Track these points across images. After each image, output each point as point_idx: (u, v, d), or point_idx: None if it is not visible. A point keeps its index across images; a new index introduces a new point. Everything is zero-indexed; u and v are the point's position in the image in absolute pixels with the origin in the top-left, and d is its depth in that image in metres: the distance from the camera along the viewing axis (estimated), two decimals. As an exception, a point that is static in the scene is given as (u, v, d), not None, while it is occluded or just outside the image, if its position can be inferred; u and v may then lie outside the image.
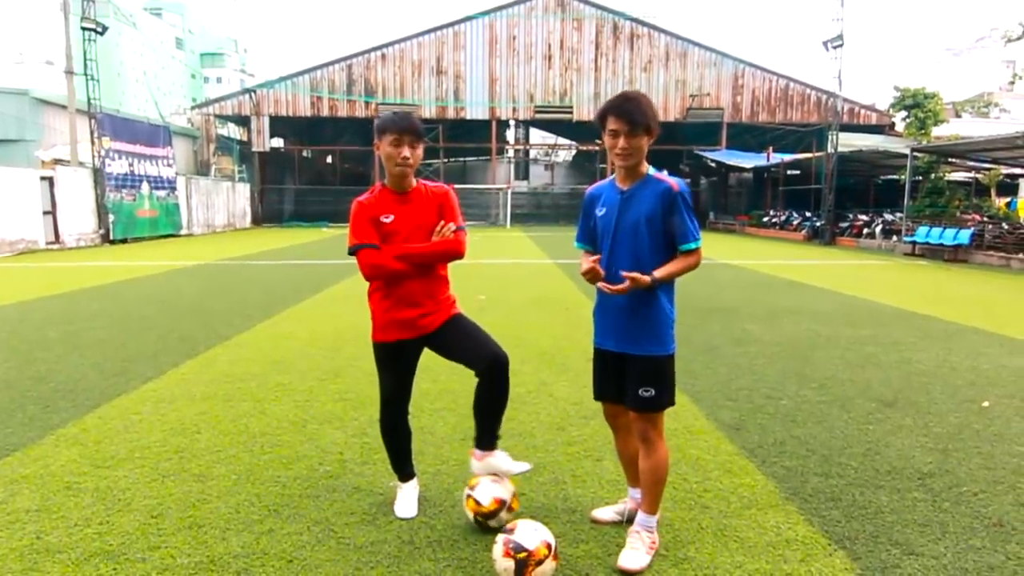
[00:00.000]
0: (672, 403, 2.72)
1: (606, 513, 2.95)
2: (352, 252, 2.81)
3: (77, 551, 2.68)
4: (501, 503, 2.84)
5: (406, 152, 2.78)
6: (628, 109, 2.51)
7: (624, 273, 2.52)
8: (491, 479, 2.90)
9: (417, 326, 2.88)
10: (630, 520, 2.82)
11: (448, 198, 2.94)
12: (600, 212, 2.71)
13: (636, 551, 2.62)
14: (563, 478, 3.41)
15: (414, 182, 2.91)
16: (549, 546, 2.47)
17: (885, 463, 3.62)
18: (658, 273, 2.55)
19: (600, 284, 2.61)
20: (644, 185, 2.62)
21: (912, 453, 3.77)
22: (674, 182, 2.60)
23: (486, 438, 2.94)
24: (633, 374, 2.65)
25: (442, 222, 2.87)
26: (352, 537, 2.81)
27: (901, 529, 2.90)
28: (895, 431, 4.13)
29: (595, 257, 2.64)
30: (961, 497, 3.22)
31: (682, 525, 2.93)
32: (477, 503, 2.84)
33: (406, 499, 3.06)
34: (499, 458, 2.95)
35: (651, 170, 2.65)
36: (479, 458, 2.95)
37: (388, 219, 2.82)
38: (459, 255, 2.90)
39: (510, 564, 2.41)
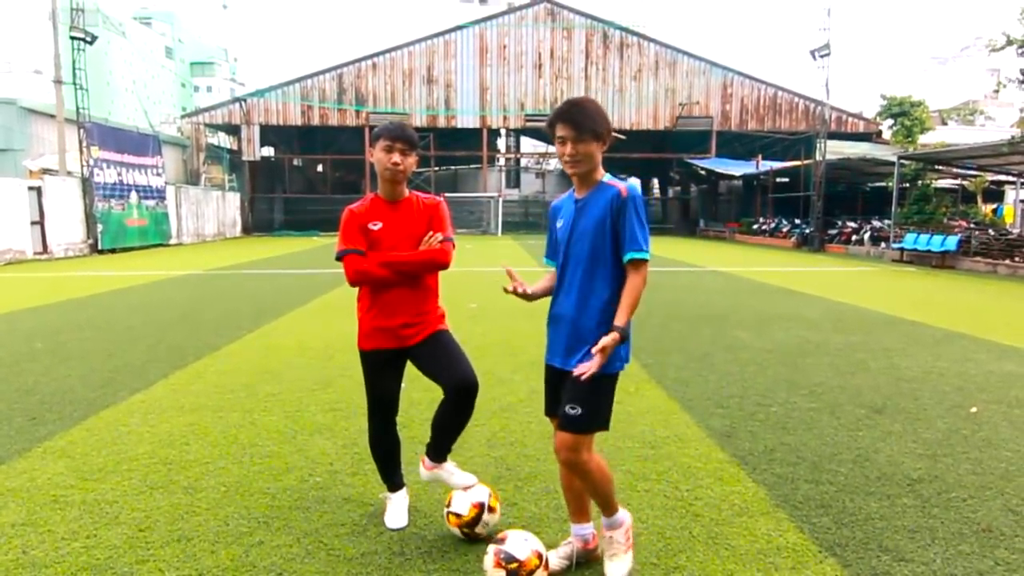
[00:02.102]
0: (602, 427, 2.48)
1: (552, 560, 2.62)
2: (338, 258, 2.83)
3: (64, 565, 2.65)
4: (480, 506, 2.84)
5: (396, 158, 2.80)
6: (573, 114, 2.43)
7: (594, 350, 2.32)
8: (462, 490, 2.91)
9: (399, 336, 2.87)
10: (579, 560, 2.66)
11: (438, 210, 2.96)
12: (559, 224, 2.62)
13: (617, 557, 2.57)
14: (554, 487, 3.39)
15: (406, 192, 2.93)
16: (540, 556, 2.46)
17: (875, 469, 3.64)
18: (620, 320, 2.36)
19: (576, 370, 2.36)
20: (597, 191, 2.51)
21: (901, 459, 3.79)
22: (623, 186, 2.47)
23: (439, 451, 2.95)
24: (565, 390, 2.46)
25: (430, 232, 2.88)
26: (342, 549, 2.79)
27: (891, 535, 2.91)
28: (884, 437, 4.15)
29: (516, 285, 2.62)
30: (950, 503, 3.24)
31: (673, 533, 2.93)
32: (457, 516, 2.83)
33: (396, 510, 3.04)
34: (448, 470, 2.96)
35: (606, 177, 2.54)
36: (428, 467, 2.97)
37: (376, 226, 2.84)
38: (443, 265, 2.90)
39: (501, 574, 2.40)
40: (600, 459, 2.55)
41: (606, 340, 2.32)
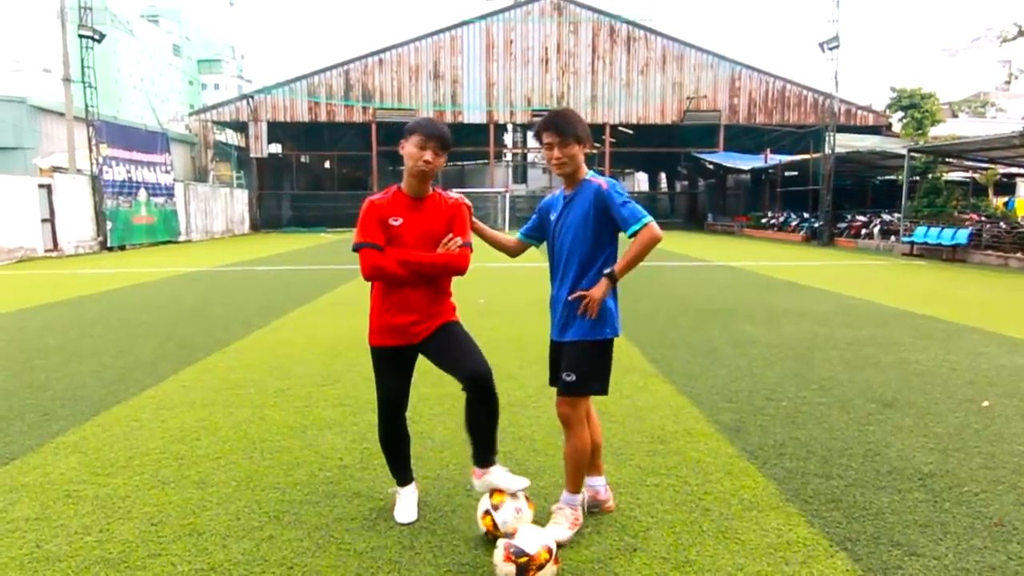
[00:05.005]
0: (597, 391, 2.87)
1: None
2: (355, 249, 2.81)
3: (77, 559, 2.67)
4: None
5: (428, 156, 2.77)
6: (557, 123, 2.79)
7: (574, 297, 2.78)
8: (515, 504, 2.80)
9: (409, 333, 2.86)
10: (589, 508, 3.01)
11: (461, 211, 2.92)
12: (553, 217, 2.97)
13: (559, 525, 2.79)
14: (564, 482, 3.39)
15: (430, 190, 2.91)
16: (550, 550, 2.46)
17: (885, 464, 3.62)
18: (618, 266, 2.77)
19: (580, 297, 2.79)
20: (582, 188, 2.85)
21: (912, 454, 3.77)
22: (603, 181, 2.82)
23: (481, 455, 2.90)
24: (563, 360, 2.85)
25: (450, 235, 2.84)
26: (353, 543, 2.81)
27: (902, 530, 2.90)
28: (895, 432, 4.13)
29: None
30: (962, 497, 3.22)
31: (683, 527, 2.93)
32: (496, 526, 2.76)
33: (406, 504, 3.05)
34: (497, 475, 2.89)
35: (589, 174, 2.88)
36: (478, 476, 2.92)
37: (397, 222, 2.81)
38: (461, 271, 2.87)
39: (511, 568, 2.40)
40: (587, 435, 2.88)
41: (584, 293, 2.75)
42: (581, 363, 2.79)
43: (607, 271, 2.76)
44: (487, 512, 2.80)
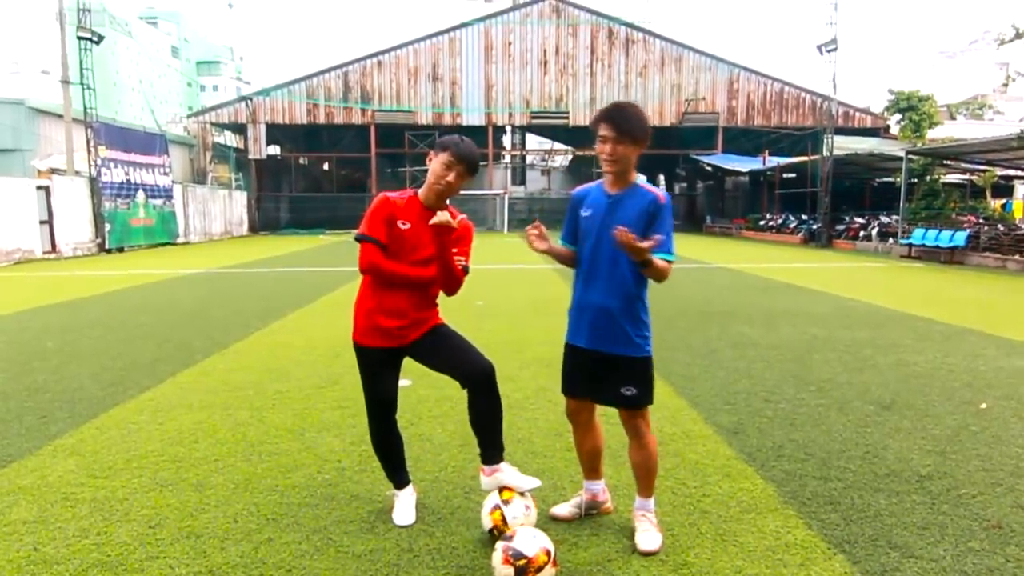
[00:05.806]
0: (651, 401, 2.85)
1: (564, 509, 3.04)
2: (358, 239, 2.84)
3: (75, 562, 2.67)
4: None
5: (451, 178, 2.81)
6: (616, 117, 2.63)
7: (639, 242, 2.48)
8: (524, 502, 2.82)
9: (394, 336, 2.88)
10: (588, 511, 3.02)
11: (469, 231, 2.95)
12: (585, 213, 2.78)
13: (649, 532, 2.78)
14: (562, 484, 3.40)
15: (445, 204, 2.94)
16: (548, 553, 2.46)
17: (883, 466, 3.62)
18: (656, 258, 2.59)
19: (618, 230, 2.48)
20: (631, 193, 2.71)
21: (910, 456, 3.77)
22: (661, 193, 2.70)
23: (489, 452, 2.90)
24: (614, 374, 2.76)
25: (455, 251, 2.84)
26: (351, 545, 2.81)
27: (900, 532, 2.90)
28: (893, 434, 4.13)
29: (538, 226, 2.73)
30: (960, 499, 3.22)
31: (681, 530, 2.93)
32: (504, 521, 2.75)
33: (404, 506, 3.05)
34: (507, 473, 2.89)
35: (639, 179, 2.75)
36: (488, 474, 2.91)
37: (405, 225, 2.84)
38: (454, 289, 2.91)
39: (509, 571, 2.40)
40: (655, 441, 2.89)
41: (635, 239, 2.46)
42: (641, 378, 2.77)
43: (650, 258, 2.56)
44: (496, 507, 2.79)
